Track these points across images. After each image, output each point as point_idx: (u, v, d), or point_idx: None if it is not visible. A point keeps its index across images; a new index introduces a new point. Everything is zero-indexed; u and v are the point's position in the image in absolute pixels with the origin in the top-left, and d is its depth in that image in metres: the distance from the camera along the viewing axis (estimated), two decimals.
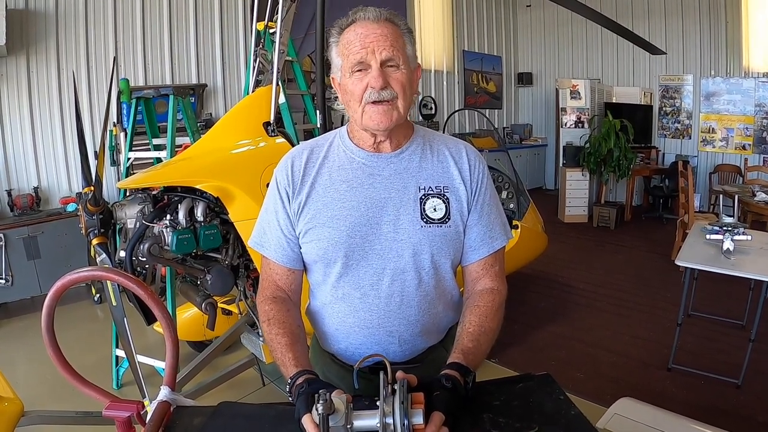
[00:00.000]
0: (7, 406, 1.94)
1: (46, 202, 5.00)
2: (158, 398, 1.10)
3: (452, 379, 1.00)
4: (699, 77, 7.92)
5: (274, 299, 1.23)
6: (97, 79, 5.23)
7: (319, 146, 1.26)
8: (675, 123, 8.28)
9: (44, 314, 1.14)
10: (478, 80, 9.63)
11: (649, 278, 5.06)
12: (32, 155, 4.94)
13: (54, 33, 4.92)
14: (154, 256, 2.34)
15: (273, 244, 1.24)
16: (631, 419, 1.74)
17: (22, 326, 4.28)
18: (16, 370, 3.39)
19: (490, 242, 1.25)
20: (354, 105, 1.13)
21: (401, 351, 1.23)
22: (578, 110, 7.70)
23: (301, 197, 1.20)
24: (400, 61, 1.11)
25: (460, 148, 1.26)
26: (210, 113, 6.04)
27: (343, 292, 1.20)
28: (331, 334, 1.26)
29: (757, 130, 7.46)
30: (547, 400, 1.07)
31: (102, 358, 3.35)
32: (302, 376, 1.04)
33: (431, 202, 1.18)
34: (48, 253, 4.50)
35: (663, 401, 2.70)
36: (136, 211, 2.44)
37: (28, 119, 4.88)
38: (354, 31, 1.11)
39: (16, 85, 4.79)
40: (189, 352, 3.43)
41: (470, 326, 1.16)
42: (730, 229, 3.17)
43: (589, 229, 7.18)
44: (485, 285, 1.26)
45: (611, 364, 3.40)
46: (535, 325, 4.01)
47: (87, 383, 1.18)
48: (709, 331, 3.80)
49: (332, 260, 1.18)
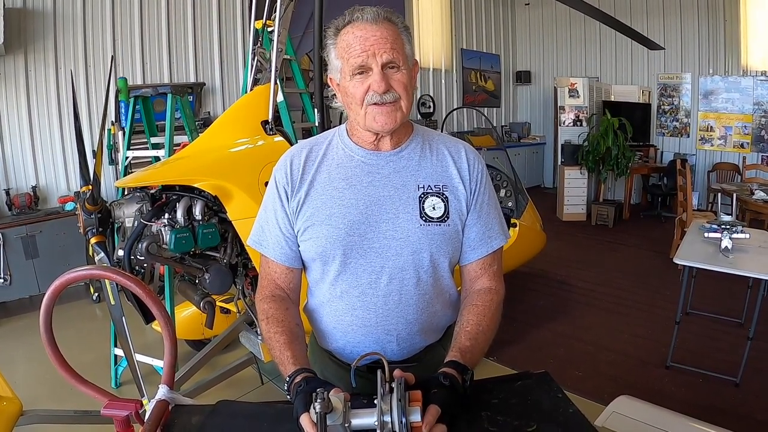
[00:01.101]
0: (6, 405, 1.94)
1: (45, 201, 4.99)
2: (156, 397, 1.10)
3: (450, 377, 1.00)
4: (697, 75, 7.92)
5: (272, 298, 1.23)
6: (95, 78, 5.22)
7: (318, 144, 1.25)
8: (673, 121, 8.29)
9: (42, 313, 1.14)
10: (477, 78, 9.63)
11: (648, 276, 5.07)
12: (30, 154, 4.93)
13: (52, 32, 4.91)
14: (153, 255, 2.34)
15: (272, 243, 1.24)
16: (629, 417, 1.75)
17: (21, 325, 4.27)
18: (15, 370, 3.39)
19: (489, 242, 1.25)
20: (355, 107, 1.13)
21: (399, 349, 1.22)
22: (577, 108, 7.70)
23: (300, 195, 1.19)
24: (400, 62, 1.10)
25: (459, 148, 1.26)
26: (208, 112, 6.03)
27: (341, 290, 1.20)
28: (329, 332, 1.26)
29: (755, 129, 7.48)
30: (545, 398, 1.07)
31: (100, 357, 3.35)
32: (300, 375, 1.04)
33: (430, 200, 1.18)
34: (46, 252, 4.49)
35: (661, 399, 2.71)
36: (134, 210, 2.44)
37: (26, 118, 4.87)
38: (353, 33, 1.09)
39: (14, 84, 4.78)
40: (187, 350, 3.43)
41: (468, 325, 1.16)
42: (728, 227, 3.18)
43: (587, 227, 7.19)
44: (483, 284, 1.26)
45: (610, 362, 3.41)
46: (533, 324, 4.01)
47: (85, 382, 1.18)
48: (708, 329, 3.81)
49: (330, 258, 1.18)
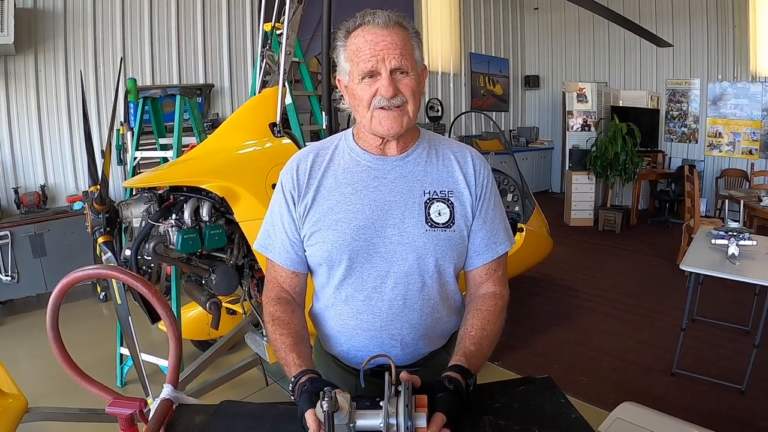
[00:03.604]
0: (12, 402, 1.96)
1: (53, 200, 5.03)
2: (161, 396, 1.11)
3: (454, 381, 1.00)
4: (706, 81, 7.89)
5: (278, 300, 1.24)
6: (104, 79, 5.26)
7: (325, 149, 1.26)
8: (682, 127, 8.25)
9: (49, 311, 1.15)
10: (485, 83, 9.63)
11: (654, 282, 5.04)
12: (39, 153, 4.97)
13: (62, 32, 4.95)
14: (160, 255, 2.35)
15: (278, 248, 1.24)
16: (633, 424, 1.74)
17: (28, 323, 4.31)
18: (21, 367, 3.41)
19: (494, 247, 1.25)
20: (362, 110, 1.13)
21: (403, 354, 1.23)
22: (585, 113, 7.68)
23: (307, 200, 1.20)
24: (408, 68, 1.11)
25: (465, 153, 1.26)
26: (217, 113, 6.06)
27: (346, 295, 1.21)
28: (334, 336, 1.26)
29: (764, 135, 7.43)
30: (547, 404, 1.07)
31: (106, 355, 3.37)
32: (305, 376, 1.05)
33: (436, 206, 1.18)
34: (54, 250, 4.52)
35: (666, 406, 2.70)
36: (141, 210, 2.46)
37: (36, 117, 4.92)
38: (363, 37, 1.09)
39: (24, 83, 4.82)
40: (193, 351, 3.44)
41: (472, 329, 1.17)
42: (735, 234, 3.15)
43: (594, 232, 7.16)
44: (488, 289, 1.26)
45: (615, 368, 3.39)
46: (539, 329, 4.00)
47: (90, 380, 1.19)
48: (714, 336, 3.78)
49: (336, 263, 1.18)
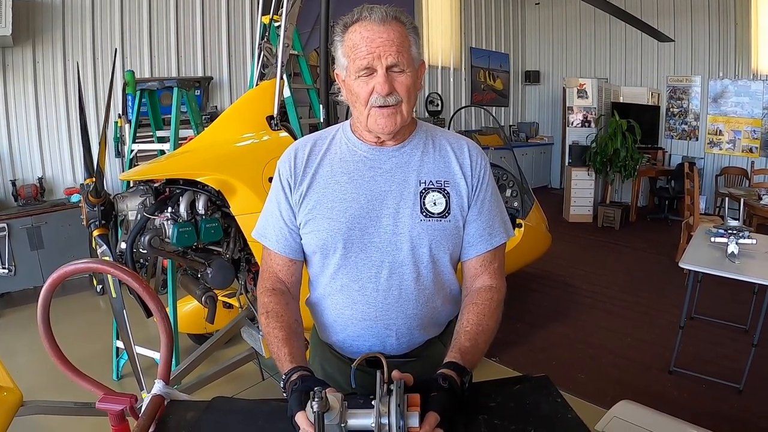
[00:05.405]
0: (7, 395, 1.95)
1: (51, 192, 5.01)
2: (151, 392, 1.09)
3: (449, 379, 0.99)
4: (707, 79, 7.86)
5: (273, 291, 1.24)
6: (102, 71, 5.22)
7: (323, 139, 1.27)
8: (682, 124, 8.23)
9: (40, 306, 1.14)
10: (485, 77, 9.60)
11: (653, 280, 5.04)
12: (37, 145, 4.95)
13: (60, 24, 4.92)
14: (155, 249, 2.34)
15: (274, 234, 1.25)
16: (629, 422, 1.73)
17: (24, 316, 4.29)
18: (18, 360, 3.39)
19: (489, 238, 1.24)
20: (359, 106, 1.14)
21: (398, 344, 1.23)
22: (585, 109, 7.66)
23: (303, 188, 1.21)
24: (405, 66, 1.11)
25: (461, 144, 1.26)
26: (215, 106, 6.03)
27: (341, 284, 1.21)
28: (330, 325, 1.27)
29: (764, 133, 7.41)
30: (543, 403, 1.06)
31: (103, 348, 3.35)
32: (297, 373, 1.04)
33: (431, 196, 1.18)
34: (51, 243, 4.51)
35: (663, 404, 2.69)
36: (137, 203, 2.45)
37: (34, 110, 4.89)
38: (360, 33, 1.10)
39: (22, 75, 4.79)
40: (189, 344, 3.43)
41: (468, 325, 1.16)
42: (735, 232, 3.14)
43: (593, 229, 7.15)
44: (484, 282, 1.25)
45: (613, 365, 3.39)
46: (537, 325, 3.99)
47: (81, 375, 1.18)
48: (712, 334, 3.78)
49: (331, 251, 1.19)
